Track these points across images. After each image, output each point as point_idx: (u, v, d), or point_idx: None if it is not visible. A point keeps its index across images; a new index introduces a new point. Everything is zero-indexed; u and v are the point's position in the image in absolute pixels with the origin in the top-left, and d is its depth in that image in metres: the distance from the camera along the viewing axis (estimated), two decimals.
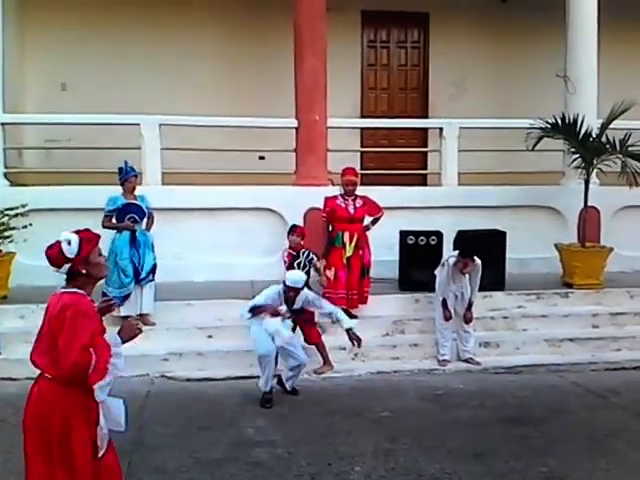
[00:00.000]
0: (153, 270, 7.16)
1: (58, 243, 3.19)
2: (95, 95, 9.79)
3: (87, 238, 3.24)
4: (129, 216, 7.10)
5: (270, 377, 5.92)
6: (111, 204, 7.13)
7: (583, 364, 7.14)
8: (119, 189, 7.22)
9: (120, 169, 7.20)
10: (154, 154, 8.64)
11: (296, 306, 6.10)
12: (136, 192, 7.28)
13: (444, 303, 7.05)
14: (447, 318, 7.06)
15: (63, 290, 3.23)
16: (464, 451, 4.99)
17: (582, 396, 6.33)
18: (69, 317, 3.09)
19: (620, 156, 8.17)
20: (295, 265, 6.91)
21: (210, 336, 7.12)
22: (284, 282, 6.01)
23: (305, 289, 6.17)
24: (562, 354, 7.34)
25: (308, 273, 6.86)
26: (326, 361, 6.75)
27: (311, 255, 7.04)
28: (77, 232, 3.25)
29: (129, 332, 3.30)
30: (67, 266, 3.18)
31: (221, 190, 8.65)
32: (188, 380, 6.58)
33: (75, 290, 3.21)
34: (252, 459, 4.84)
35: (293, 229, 7.19)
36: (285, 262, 7.10)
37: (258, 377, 6.59)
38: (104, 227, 6.99)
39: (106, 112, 8.78)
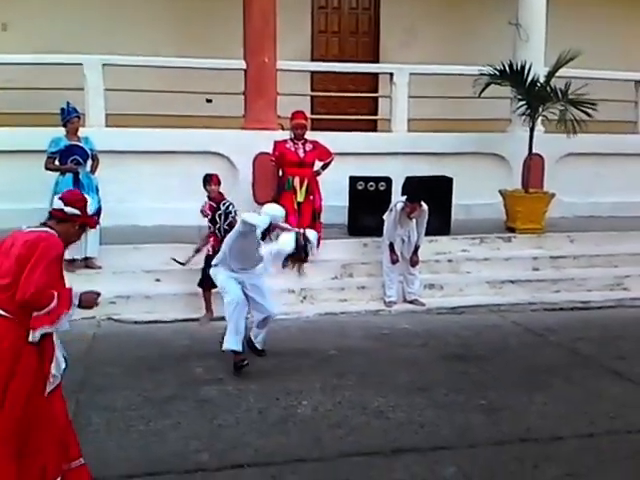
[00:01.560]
0: (98, 213, 6.98)
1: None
2: (37, 35, 9.33)
3: (95, 218, 3.56)
4: (72, 158, 6.92)
5: (242, 333, 5.39)
6: (53, 146, 6.94)
7: (523, 305, 7.40)
8: (62, 130, 7.01)
9: (62, 110, 7.00)
10: (97, 95, 8.38)
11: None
12: (80, 134, 7.09)
13: (391, 247, 7.18)
14: (394, 261, 7.19)
15: (35, 228, 3.23)
16: (408, 386, 5.17)
17: (521, 335, 6.59)
18: (43, 248, 3.10)
19: (563, 104, 8.32)
20: (217, 217, 6.55)
21: (158, 279, 7.09)
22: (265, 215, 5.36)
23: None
24: (503, 295, 7.59)
25: (229, 225, 6.45)
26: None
27: (230, 207, 6.58)
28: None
29: (87, 302, 3.29)
30: (75, 211, 3.32)
31: (167, 133, 8.46)
32: (136, 322, 6.58)
33: (53, 232, 3.23)
34: (201, 397, 4.91)
35: (209, 178, 6.68)
36: (208, 215, 6.64)
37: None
38: (47, 169, 6.82)
39: (48, 52, 8.43)
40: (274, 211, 5.39)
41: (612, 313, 7.33)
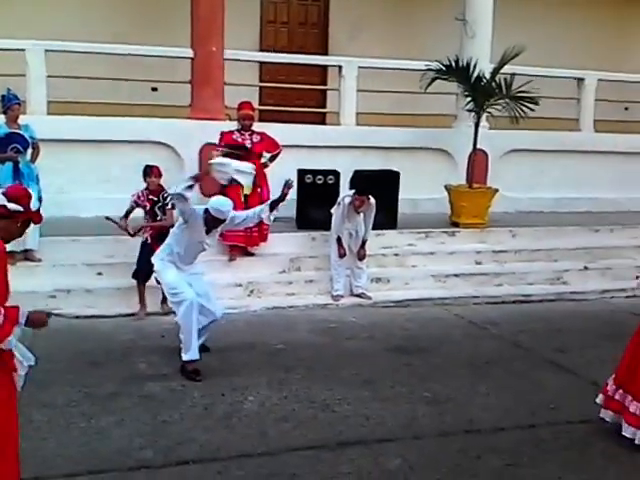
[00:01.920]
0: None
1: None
2: None
3: (39, 213, 3.31)
4: (12, 146, 6.69)
5: (196, 339, 5.10)
6: None
7: (466, 298, 7.54)
8: (1, 118, 6.77)
9: (2, 97, 6.77)
10: (39, 82, 8.13)
11: (219, 232, 5.44)
12: (20, 121, 6.85)
13: (339, 241, 7.19)
14: (341, 255, 7.21)
15: None
16: (354, 379, 5.20)
17: (465, 327, 6.71)
18: None
19: (507, 100, 8.47)
20: (156, 209, 6.43)
21: (100, 273, 6.92)
22: (207, 210, 5.13)
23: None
24: (447, 289, 7.71)
25: (170, 215, 6.41)
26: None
27: (168, 199, 6.36)
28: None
29: (36, 323, 3.13)
30: (17, 207, 3.13)
31: (110, 122, 8.25)
32: (77, 317, 6.41)
33: None
34: (144, 393, 4.83)
35: (149, 170, 6.48)
36: (145, 206, 6.46)
37: (148, 314, 6.52)
38: None
39: None
40: (218, 204, 5.14)
41: (552, 306, 7.53)
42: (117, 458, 3.95)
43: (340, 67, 9.39)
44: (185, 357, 5.09)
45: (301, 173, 8.09)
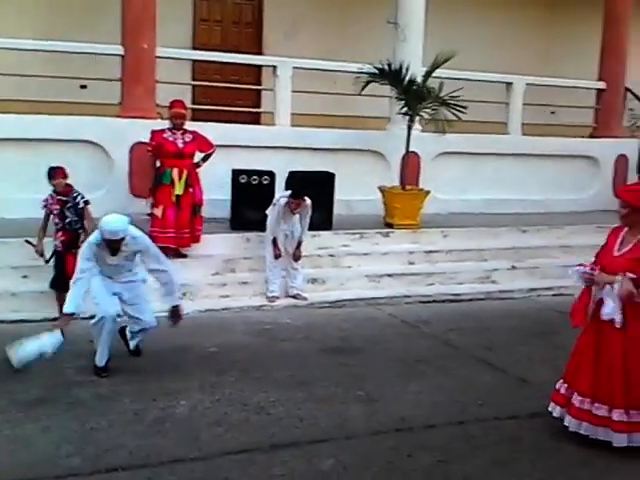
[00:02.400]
0: None
1: None
2: None
3: None
4: None
5: (106, 350, 5.12)
6: None
7: (399, 297, 7.64)
8: None
9: None
10: None
11: (126, 251, 5.04)
12: None
13: (274, 242, 7.18)
14: (277, 256, 7.20)
15: None
16: (288, 380, 5.19)
17: (397, 327, 6.80)
18: None
19: (437, 105, 8.64)
20: (66, 211, 6.20)
21: (25, 276, 6.68)
22: (101, 232, 4.94)
23: (134, 234, 5.06)
24: (381, 289, 7.80)
25: (81, 217, 6.22)
26: None
27: (79, 198, 6.23)
28: None
29: None
30: None
31: (37, 120, 7.97)
32: (1, 322, 6.17)
33: None
34: (72, 399, 4.71)
35: (53, 172, 6.19)
36: (55, 210, 6.21)
37: (76, 318, 6.33)
38: None
39: None
40: (107, 223, 4.85)
41: (481, 305, 7.72)
42: (44, 466, 3.83)
43: (274, 67, 9.36)
44: (96, 361, 5.14)
45: (235, 173, 8.02)
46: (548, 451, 4.27)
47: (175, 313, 5.30)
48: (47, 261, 6.28)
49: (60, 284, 6.10)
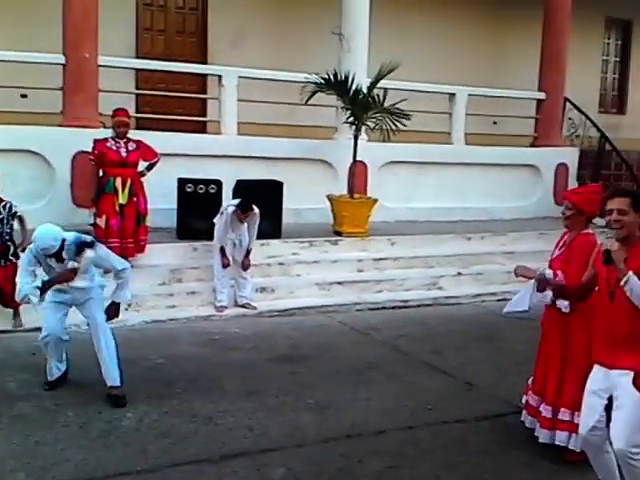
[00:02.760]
0: None
1: None
2: None
3: None
4: None
5: (54, 367, 4.95)
6: None
7: (349, 305, 7.68)
8: None
9: None
10: None
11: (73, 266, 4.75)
12: None
13: (222, 250, 7.12)
14: (225, 265, 7.14)
15: None
16: (237, 390, 5.14)
17: (347, 334, 6.83)
18: None
19: (382, 114, 8.74)
20: None
21: None
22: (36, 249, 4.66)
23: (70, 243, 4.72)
24: (331, 296, 7.82)
25: (11, 228, 6.05)
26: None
27: (14, 207, 6.06)
28: None
29: None
30: None
31: None
32: None
33: None
34: (15, 412, 4.57)
35: None
36: None
37: (17, 331, 6.18)
38: None
39: None
40: (38, 238, 4.57)
41: (429, 311, 7.82)
42: None
43: (220, 76, 9.32)
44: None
45: (181, 182, 7.95)
46: (495, 454, 4.33)
47: (115, 308, 5.06)
48: None
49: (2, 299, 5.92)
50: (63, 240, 4.63)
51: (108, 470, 3.91)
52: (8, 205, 6.03)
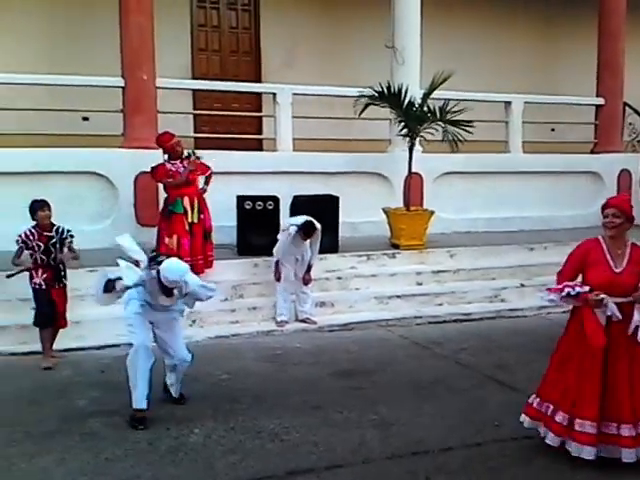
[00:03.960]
0: None
1: None
2: None
3: None
4: None
5: (145, 389, 4.74)
6: None
7: (409, 318, 7.60)
8: None
9: None
10: None
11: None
12: None
13: (277, 264, 7.17)
14: (277, 279, 7.19)
15: None
16: (301, 406, 5.14)
17: (408, 348, 6.76)
18: None
19: (441, 124, 8.69)
20: (51, 247, 5.97)
21: (34, 308, 6.63)
22: (158, 273, 4.62)
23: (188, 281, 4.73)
24: (390, 310, 7.76)
25: (62, 251, 6.04)
26: None
27: (66, 233, 6.05)
28: None
29: None
30: None
31: (42, 153, 8.04)
32: (13, 354, 6.15)
33: None
34: (86, 430, 4.66)
35: (42, 204, 5.95)
36: (36, 248, 5.96)
37: (86, 349, 6.30)
38: None
39: None
40: (168, 271, 4.57)
41: (491, 324, 7.68)
42: None
43: (274, 94, 9.45)
44: (133, 404, 4.74)
45: (240, 200, 8.06)
46: (564, 472, 4.19)
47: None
48: (9, 276, 6.01)
49: (46, 321, 5.99)
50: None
51: None
52: (61, 229, 6.07)
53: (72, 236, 6.09)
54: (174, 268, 4.63)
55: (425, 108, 8.78)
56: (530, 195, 10.42)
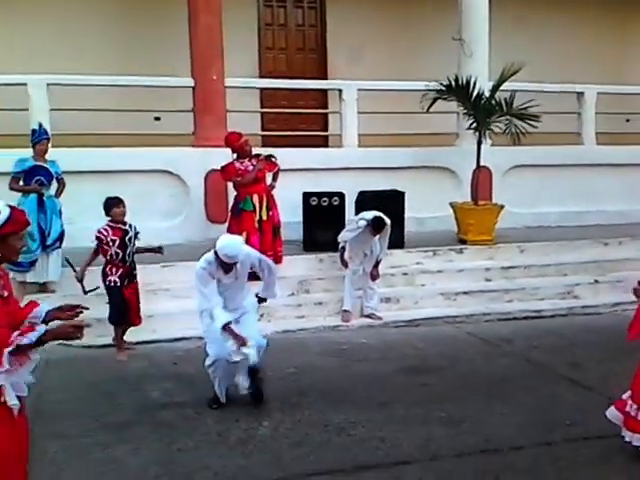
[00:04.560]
0: (60, 237, 6.97)
1: None
2: None
3: (16, 218, 2.96)
4: (36, 178, 6.83)
5: (224, 387, 5.02)
6: (19, 166, 6.83)
7: (477, 315, 7.49)
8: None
9: (33, 131, 6.96)
10: (42, 115, 8.15)
11: (240, 275, 4.99)
12: (47, 157, 6.98)
13: (342, 250, 7.18)
14: (345, 265, 7.19)
15: None
16: (368, 401, 5.15)
17: (477, 345, 6.66)
18: None
19: (509, 117, 8.50)
20: (127, 241, 6.11)
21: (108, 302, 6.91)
22: (215, 253, 4.82)
23: (248, 252, 5.04)
24: (457, 307, 7.67)
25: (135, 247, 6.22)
26: None
27: (137, 228, 6.25)
28: (12, 208, 2.99)
29: (61, 335, 2.88)
30: None
31: (114, 152, 8.33)
32: (88, 347, 6.37)
33: None
34: (158, 420, 4.81)
35: (117, 201, 6.12)
36: (111, 242, 6.06)
37: (159, 341, 6.52)
38: (11, 189, 6.71)
39: None
40: (223, 248, 4.75)
41: (564, 321, 7.49)
42: None
43: (340, 90, 9.47)
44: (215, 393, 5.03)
45: (306, 196, 8.12)
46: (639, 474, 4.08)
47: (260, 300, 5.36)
48: (86, 292, 5.97)
49: (122, 318, 6.16)
50: None
51: (247, 478, 4.04)
52: (133, 225, 6.24)
53: (138, 232, 6.28)
54: (229, 242, 4.85)
55: (494, 101, 8.61)
56: (605, 188, 10.07)
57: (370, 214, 7.07)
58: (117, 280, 6.12)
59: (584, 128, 10.41)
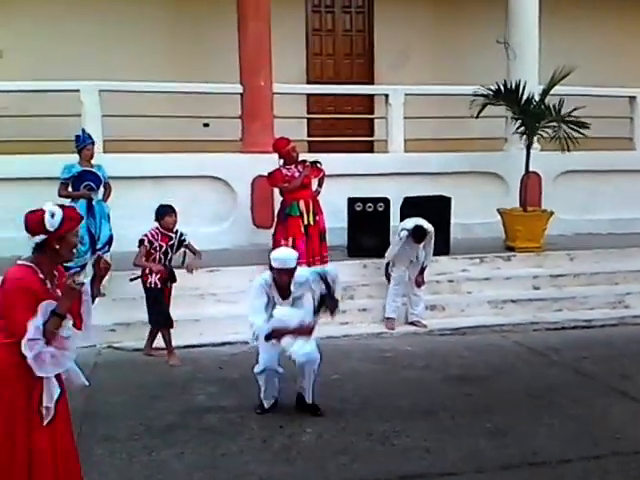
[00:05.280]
0: (109, 241, 7.10)
1: (41, 212, 3.09)
2: (33, 62, 9.37)
3: (70, 216, 3.16)
4: (85, 184, 6.96)
5: (270, 396, 5.06)
6: (67, 172, 6.96)
7: (525, 324, 7.36)
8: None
9: (77, 137, 7.06)
10: (94, 121, 8.36)
11: (295, 293, 4.98)
12: (93, 161, 7.12)
13: (387, 266, 7.19)
14: (389, 280, 7.20)
15: (19, 262, 3.14)
16: (412, 410, 5.12)
17: (524, 355, 6.55)
18: (7, 290, 3.03)
19: (557, 123, 8.34)
20: (169, 249, 6.24)
21: None
22: (270, 266, 4.91)
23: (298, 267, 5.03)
24: (505, 315, 7.55)
25: (176, 252, 6.36)
26: None
27: (184, 236, 6.36)
28: (62, 207, 3.17)
29: (67, 296, 3.06)
30: (41, 237, 3.08)
31: (164, 158, 8.49)
32: (136, 350, 6.51)
33: (27, 264, 3.11)
34: (203, 425, 4.86)
35: (170, 210, 6.27)
36: (158, 247, 6.20)
37: (205, 345, 6.59)
38: (60, 196, 6.81)
39: (44, 79, 8.47)
40: (280, 254, 4.92)
41: (615, 331, 7.30)
42: None
43: (386, 95, 9.44)
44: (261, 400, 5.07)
45: (351, 201, 8.11)
46: None
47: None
48: (132, 279, 6.25)
49: (163, 320, 6.24)
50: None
51: None
52: (179, 232, 6.34)
53: (184, 240, 6.38)
54: (283, 251, 5.11)
55: (544, 105, 8.45)
56: None
57: (411, 222, 7.03)
58: (157, 282, 6.22)
59: (636, 133, 10.14)
